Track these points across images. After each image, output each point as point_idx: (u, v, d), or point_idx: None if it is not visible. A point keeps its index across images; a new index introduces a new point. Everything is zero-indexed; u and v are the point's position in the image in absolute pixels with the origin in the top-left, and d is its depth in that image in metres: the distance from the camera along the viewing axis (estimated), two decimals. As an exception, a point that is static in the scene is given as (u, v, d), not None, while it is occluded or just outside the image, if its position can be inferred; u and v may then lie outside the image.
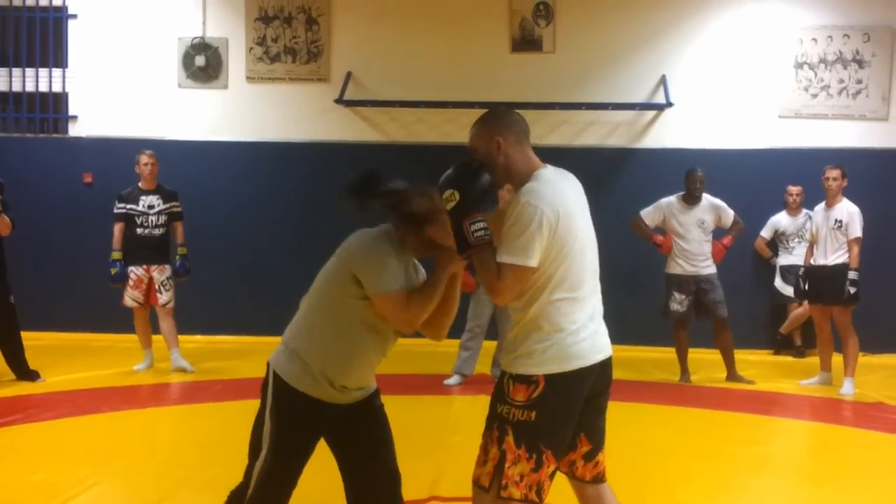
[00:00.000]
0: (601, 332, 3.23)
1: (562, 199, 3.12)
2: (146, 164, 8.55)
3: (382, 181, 3.38)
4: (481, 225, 3.12)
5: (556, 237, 3.06)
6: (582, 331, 3.12)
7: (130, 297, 8.53)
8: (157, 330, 8.71)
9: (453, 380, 8.16)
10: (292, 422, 3.32)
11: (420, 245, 3.37)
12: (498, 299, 3.16)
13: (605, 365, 3.22)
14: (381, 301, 3.23)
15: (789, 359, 10.13)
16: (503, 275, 3.06)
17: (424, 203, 3.33)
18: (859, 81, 10.45)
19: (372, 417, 3.47)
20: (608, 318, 3.32)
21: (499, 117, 3.32)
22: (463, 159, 3.25)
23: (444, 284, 3.32)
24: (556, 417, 3.10)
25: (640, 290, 9.33)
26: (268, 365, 3.41)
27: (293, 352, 3.35)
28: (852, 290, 7.97)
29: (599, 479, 3.32)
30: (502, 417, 3.12)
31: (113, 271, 8.43)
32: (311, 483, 3.54)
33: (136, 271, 8.47)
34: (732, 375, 8.59)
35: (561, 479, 3.32)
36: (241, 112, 10.79)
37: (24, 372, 7.97)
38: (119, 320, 9.27)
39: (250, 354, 8.89)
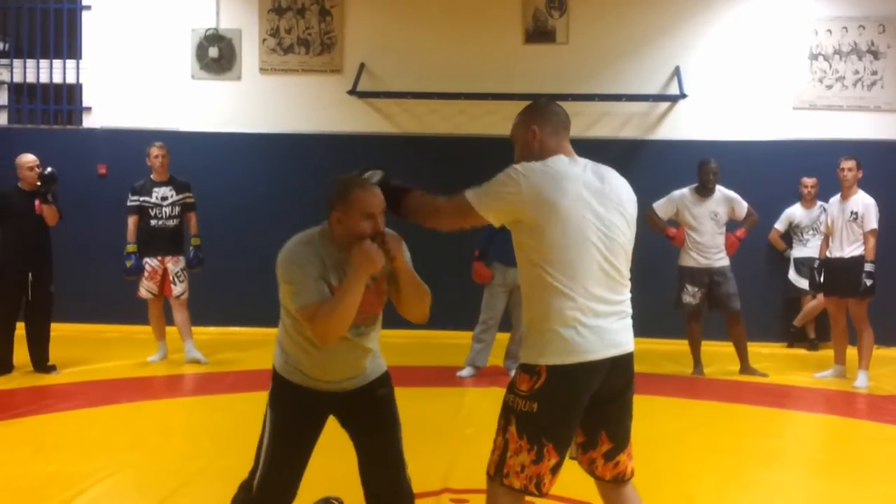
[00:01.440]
0: (617, 328, 3.14)
1: (554, 180, 3.08)
2: (157, 156, 8.57)
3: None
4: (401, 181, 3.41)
5: (526, 214, 3.06)
6: (589, 324, 3.05)
7: (145, 289, 8.56)
8: (171, 321, 8.74)
9: (466, 371, 8.17)
10: (287, 409, 3.42)
11: (342, 236, 3.31)
12: (436, 222, 3.30)
13: (621, 361, 3.15)
14: (297, 314, 3.28)
15: (803, 351, 10.10)
16: (454, 204, 3.21)
17: (334, 187, 3.37)
18: (874, 73, 10.39)
19: (374, 406, 3.50)
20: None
21: (539, 107, 3.36)
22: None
23: (357, 290, 3.18)
24: (558, 410, 3.06)
25: (652, 282, 9.25)
26: None
27: (279, 345, 3.50)
28: (869, 282, 7.94)
29: (620, 479, 3.26)
30: (508, 406, 3.13)
31: (128, 264, 8.47)
32: (328, 470, 3.56)
33: (150, 262, 8.51)
34: (746, 368, 8.57)
35: (579, 475, 3.31)
36: (254, 103, 10.81)
37: (43, 365, 8.02)
38: (133, 312, 9.31)
39: (263, 346, 8.83)
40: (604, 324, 3.10)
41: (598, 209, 3.12)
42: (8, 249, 7.95)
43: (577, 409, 3.10)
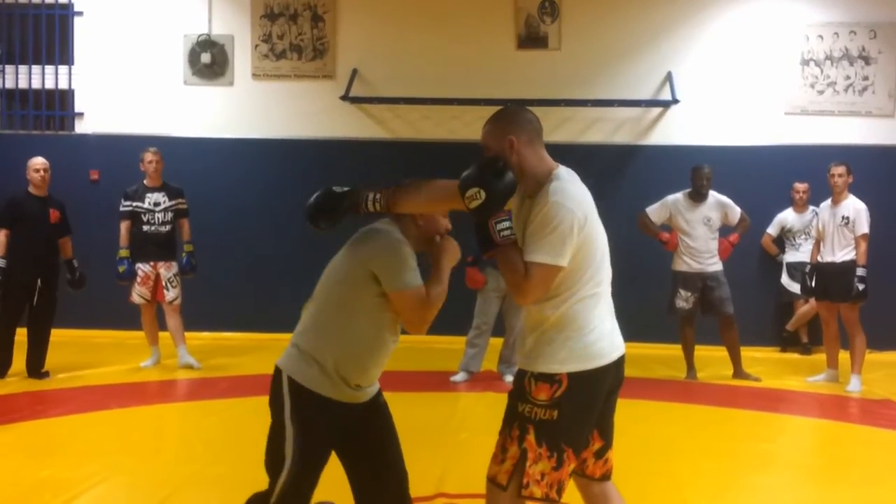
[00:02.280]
0: (617, 329, 3.24)
1: (586, 200, 3.14)
2: (151, 162, 8.56)
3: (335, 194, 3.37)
4: (507, 224, 3.08)
5: (585, 238, 3.07)
6: (602, 328, 3.13)
7: (138, 294, 8.55)
8: (164, 327, 8.72)
9: (460, 376, 8.16)
10: (315, 425, 3.28)
11: (419, 236, 3.36)
12: (524, 299, 3.10)
13: (620, 363, 3.22)
14: (401, 298, 3.20)
15: (796, 356, 10.11)
16: (532, 274, 3.02)
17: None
18: (865, 78, 10.43)
19: (378, 416, 3.46)
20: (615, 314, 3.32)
21: (512, 116, 3.28)
22: (486, 157, 3.19)
23: (447, 279, 3.32)
24: (579, 416, 3.11)
25: (645, 286, 9.30)
26: (277, 370, 3.34)
27: (307, 354, 3.29)
28: (860, 286, 7.96)
29: (607, 476, 3.32)
30: (524, 416, 3.10)
31: (121, 269, 8.46)
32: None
33: (143, 268, 8.50)
34: (739, 372, 8.58)
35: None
36: (246, 109, 10.80)
37: (37, 371, 8.01)
38: (126, 317, 9.30)
39: (257, 351, 8.91)
40: (611, 327, 3.20)
41: (597, 215, 3.20)
42: (18, 254, 7.96)
43: (595, 412, 3.16)
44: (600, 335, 3.12)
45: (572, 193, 3.09)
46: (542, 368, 3.11)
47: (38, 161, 8.21)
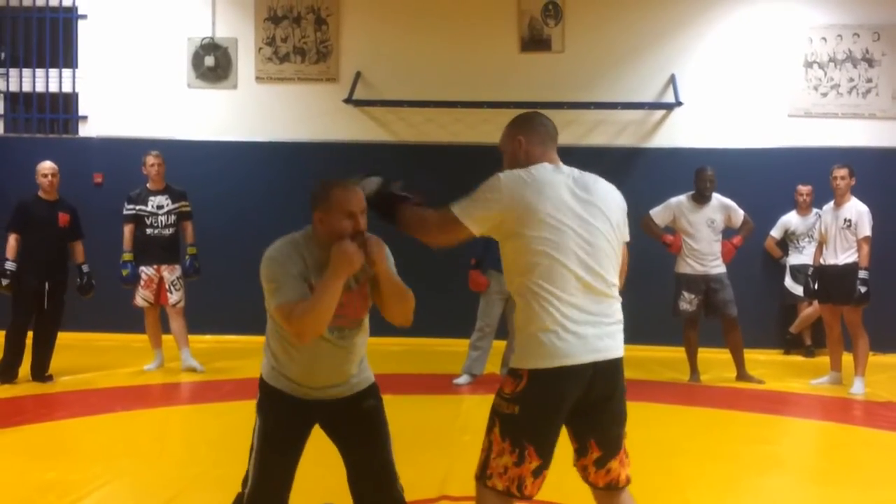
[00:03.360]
0: (600, 333, 3.11)
1: (535, 186, 3.12)
2: (153, 165, 8.58)
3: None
4: (407, 192, 3.43)
5: (507, 220, 3.11)
6: (570, 328, 3.05)
7: (141, 297, 8.56)
8: (167, 330, 8.74)
9: (463, 379, 8.16)
10: (273, 415, 3.44)
11: (322, 239, 3.36)
12: (424, 237, 3.33)
13: (605, 367, 3.12)
14: (275, 315, 3.30)
15: (799, 358, 10.11)
16: (440, 218, 3.23)
17: (317, 187, 3.41)
18: (869, 80, 10.43)
19: (362, 419, 3.48)
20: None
21: (525, 118, 3.42)
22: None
23: (335, 288, 3.18)
24: (538, 413, 3.08)
25: (649, 289, 9.28)
26: None
27: (267, 350, 3.53)
28: (863, 289, 7.96)
29: (613, 486, 3.24)
30: (494, 409, 3.18)
31: (125, 273, 8.49)
32: (319, 479, 3.55)
33: (146, 271, 8.51)
34: (742, 375, 8.57)
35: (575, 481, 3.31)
36: (250, 112, 10.82)
37: (42, 374, 8.02)
38: (129, 320, 9.30)
39: (260, 354, 8.86)
40: (586, 329, 3.09)
41: (582, 215, 3.15)
42: (27, 258, 7.96)
43: (557, 413, 3.10)
44: (565, 335, 3.05)
45: (515, 174, 3.18)
46: (512, 363, 3.18)
47: (46, 166, 8.21)
